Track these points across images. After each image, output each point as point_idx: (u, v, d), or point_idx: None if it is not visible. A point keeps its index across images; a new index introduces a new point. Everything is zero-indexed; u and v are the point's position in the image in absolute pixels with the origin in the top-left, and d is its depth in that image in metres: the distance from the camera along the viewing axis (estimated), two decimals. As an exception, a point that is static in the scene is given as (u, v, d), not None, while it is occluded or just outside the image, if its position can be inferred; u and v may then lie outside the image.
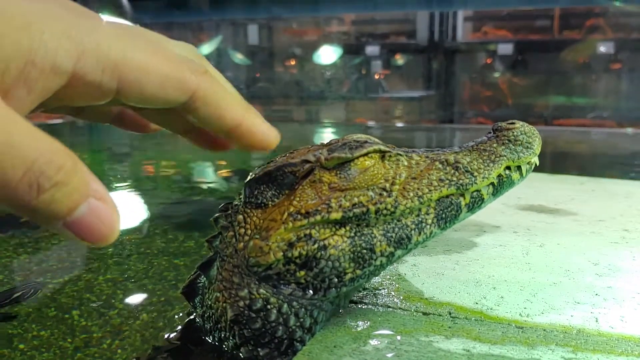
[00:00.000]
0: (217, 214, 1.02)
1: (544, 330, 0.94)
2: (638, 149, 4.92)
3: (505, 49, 7.51)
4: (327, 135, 5.89)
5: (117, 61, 0.47)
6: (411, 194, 0.94)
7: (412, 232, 0.94)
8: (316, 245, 0.91)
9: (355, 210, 0.92)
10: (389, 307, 1.04)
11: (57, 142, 0.41)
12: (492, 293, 1.09)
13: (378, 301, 1.06)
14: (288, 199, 0.95)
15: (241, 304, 0.94)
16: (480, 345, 0.89)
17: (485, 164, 0.99)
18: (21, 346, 1.23)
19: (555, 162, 4.30)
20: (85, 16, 0.49)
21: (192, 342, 1.04)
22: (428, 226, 0.95)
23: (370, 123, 6.78)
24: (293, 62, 9.03)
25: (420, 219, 0.95)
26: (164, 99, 0.52)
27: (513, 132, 1.03)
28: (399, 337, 0.92)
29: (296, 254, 0.91)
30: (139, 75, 0.49)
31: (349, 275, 0.92)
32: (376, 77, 8.39)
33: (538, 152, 1.03)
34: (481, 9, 7.72)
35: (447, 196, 0.96)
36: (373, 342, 0.91)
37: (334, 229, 0.92)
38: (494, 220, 1.62)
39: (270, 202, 0.96)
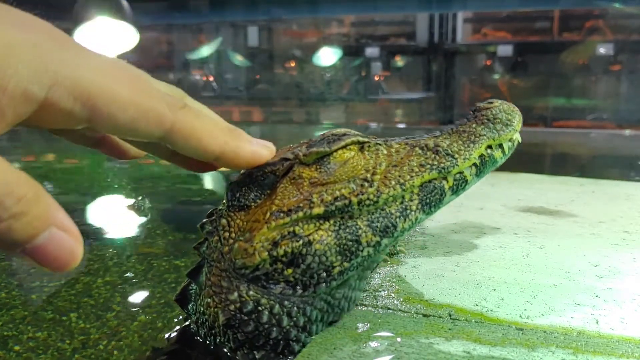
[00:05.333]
0: (203, 220, 1.02)
1: (544, 332, 0.94)
2: (638, 151, 4.92)
3: (505, 50, 7.50)
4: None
5: (91, 92, 0.49)
6: (393, 182, 0.94)
7: (397, 219, 0.94)
8: (301, 242, 0.90)
9: (337, 203, 0.92)
10: (389, 308, 1.03)
11: (19, 173, 0.43)
12: (493, 295, 1.09)
13: (378, 303, 1.06)
14: (270, 199, 0.95)
15: (232, 307, 0.94)
16: (480, 347, 0.89)
17: (466, 145, 0.99)
18: (16, 348, 1.23)
19: (555, 163, 4.30)
20: (68, 47, 0.51)
21: (190, 345, 1.04)
22: (413, 212, 0.95)
23: (371, 124, 6.78)
24: (293, 64, 9.03)
25: (404, 206, 0.94)
26: (138, 132, 0.54)
27: (492, 111, 1.02)
28: (399, 339, 0.92)
29: (281, 252, 0.91)
30: (112, 108, 0.50)
31: (337, 269, 0.92)
32: (376, 78, 8.39)
33: (519, 128, 1.03)
34: (481, 11, 7.72)
35: (429, 181, 0.96)
36: (373, 344, 0.90)
37: (317, 224, 0.92)
38: (494, 222, 1.61)
39: (253, 204, 0.96)
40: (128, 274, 1.65)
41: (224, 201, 1.00)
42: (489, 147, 1.00)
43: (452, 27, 7.60)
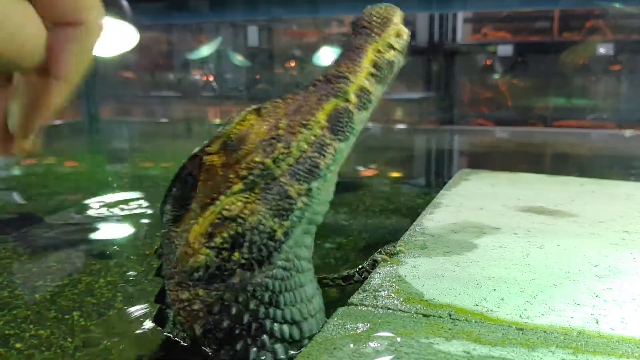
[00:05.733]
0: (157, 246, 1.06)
1: (544, 332, 0.94)
2: (638, 151, 4.92)
3: (505, 50, 7.50)
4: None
5: None
6: (297, 128, 0.95)
7: (317, 159, 0.94)
8: (234, 223, 0.92)
9: (253, 171, 0.93)
10: (389, 309, 1.04)
11: None
12: (492, 295, 1.09)
13: (378, 303, 1.06)
14: (195, 198, 0.98)
15: (201, 314, 0.96)
16: (480, 347, 0.89)
17: (352, 60, 0.98)
18: (18, 345, 1.23)
19: (555, 163, 4.30)
20: None
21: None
22: (329, 146, 0.95)
23: (370, 124, 6.78)
24: (293, 64, 9.03)
25: (318, 143, 0.95)
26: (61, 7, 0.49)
27: (364, 18, 1.02)
28: (399, 339, 0.92)
29: (219, 240, 0.92)
30: None
31: (279, 232, 0.93)
32: (376, 78, 8.38)
33: (399, 21, 1.02)
34: (481, 11, 7.71)
35: (333, 108, 0.96)
36: (373, 344, 0.90)
37: (243, 199, 0.93)
38: (493, 222, 1.62)
39: (184, 212, 0.99)
40: (128, 275, 1.66)
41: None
42: (378, 51, 0.99)
43: (452, 27, 7.60)
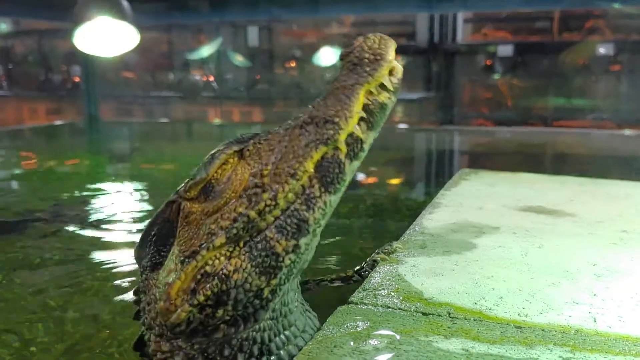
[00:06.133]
0: (134, 290, 1.01)
1: (543, 330, 0.95)
2: (637, 151, 4.92)
3: (505, 50, 7.51)
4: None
5: None
6: (284, 177, 0.85)
7: (306, 212, 0.85)
8: (217, 280, 0.85)
9: (237, 224, 0.85)
10: (389, 307, 1.04)
11: None
12: (491, 293, 1.10)
13: (378, 301, 1.06)
14: (174, 247, 0.91)
15: None
16: (479, 345, 0.90)
17: (342, 103, 0.86)
18: (16, 345, 1.23)
19: (554, 163, 4.30)
20: None
21: None
22: (318, 198, 0.86)
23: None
24: (293, 64, 9.03)
25: (307, 196, 0.85)
26: None
27: (354, 54, 0.90)
28: (398, 337, 0.92)
29: (202, 298, 0.85)
30: None
31: (266, 290, 0.86)
32: (376, 78, 8.38)
33: (393, 56, 0.90)
34: (481, 11, 7.72)
35: (321, 157, 0.86)
36: (373, 342, 0.91)
37: (227, 253, 0.85)
38: (493, 222, 1.62)
39: (163, 259, 0.93)
40: (129, 278, 1.66)
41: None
42: (369, 92, 0.88)
43: (452, 27, 7.60)
